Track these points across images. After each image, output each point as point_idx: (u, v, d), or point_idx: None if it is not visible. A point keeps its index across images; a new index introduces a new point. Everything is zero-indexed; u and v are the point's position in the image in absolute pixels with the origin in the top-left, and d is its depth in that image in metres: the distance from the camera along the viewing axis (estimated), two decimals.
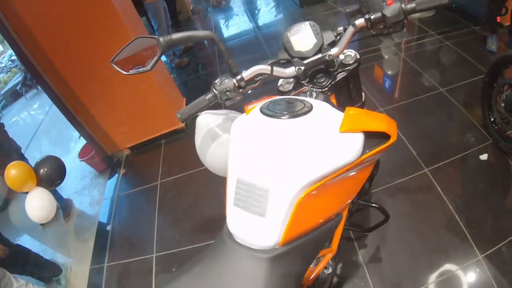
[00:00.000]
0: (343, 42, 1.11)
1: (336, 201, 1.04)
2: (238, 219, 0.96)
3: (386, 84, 3.48)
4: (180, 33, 1.05)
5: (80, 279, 2.95)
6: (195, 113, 1.19)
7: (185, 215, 2.89)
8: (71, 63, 3.06)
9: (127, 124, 3.57)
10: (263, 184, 0.89)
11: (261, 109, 0.99)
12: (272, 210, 0.89)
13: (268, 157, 0.90)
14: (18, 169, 2.20)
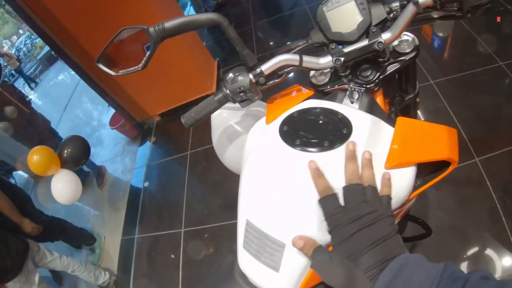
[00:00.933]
0: (399, 26, 0.76)
1: None
2: (248, 263, 0.77)
3: (435, 47, 3.04)
4: (175, 19, 0.78)
5: (113, 249, 2.99)
6: (202, 118, 0.90)
7: (214, 189, 2.79)
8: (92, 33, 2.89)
9: (155, 91, 3.43)
10: (278, 237, 0.68)
11: (281, 129, 0.76)
12: (287, 267, 0.70)
13: (286, 204, 0.68)
14: (41, 154, 2.14)
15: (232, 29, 0.78)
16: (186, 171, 3.04)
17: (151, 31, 0.78)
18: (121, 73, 0.87)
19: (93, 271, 2.63)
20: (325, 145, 0.69)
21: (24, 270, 2.14)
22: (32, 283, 2.18)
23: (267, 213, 0.71)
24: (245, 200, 0.77)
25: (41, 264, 2.36)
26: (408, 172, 0.69)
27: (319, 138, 0.70)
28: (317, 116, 0.76)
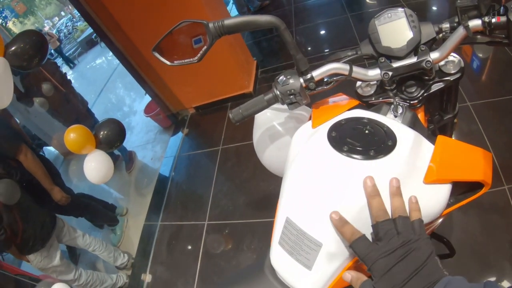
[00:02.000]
0: (448, 47, 0.79)
1: None
2: (281, 259, 0.80)
3: (474, 68, 2.97)
4: (235, 18, 0.81)
5: (134, 232, 3.06)
6: (250, 115, 0.94)
7: (241, 186, 2.80)
8: (136, 21, 2.99)
9: (193, 83, 3.48)
10: (316, 237, 0.71)
11: (330, 135, 0.78)
12: (320, 267, 0.72)
13: (328, 205, 0.70)
14: (77, 133, 2.18)
15: (288, 33, 0.81)
16: (216, 165, 3.07)
17: (211, 26, 0.81)
18: (176, 64, 0.91)
19: (112, 252, 2.70)
20: (371, 154, 0.70)
21: (47, 245, 2.19)
22: (54, 258, 2.23)
23: (308, 212, 0.73)
24: (288, 198, 0.78)
25: (64, 240, 2.43)
26: (444, 189, 0.70)
27: (365, 147, 0.72)
28: (364, 126, 0.78)
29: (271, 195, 2.56)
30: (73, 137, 2.18)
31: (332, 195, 0.70)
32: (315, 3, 5.04)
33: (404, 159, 0.70)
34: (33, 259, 2.15)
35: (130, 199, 3.47)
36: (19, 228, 2.04)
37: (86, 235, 2.58)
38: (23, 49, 2.00)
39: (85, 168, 2.29)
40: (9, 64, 1.97)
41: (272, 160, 1.28)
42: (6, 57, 1.96)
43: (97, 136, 2.31)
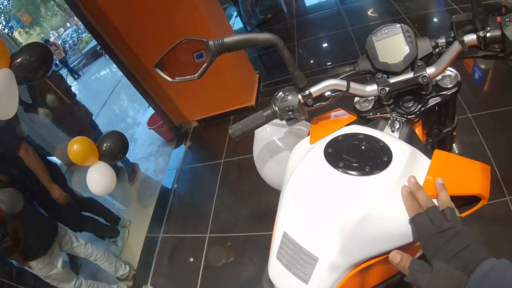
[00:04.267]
0: (444, 62, 0.81)
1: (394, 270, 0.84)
2: (279, 273, 0.81)
3: (475, 79, 2.98)
4: (234, 36, 0.84)
5: (136, 244, 3.06)
6: (250, 130, 0.97)
7: (243, 200, 2.82)
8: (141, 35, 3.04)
9: (196, 97, 3.52)
10: (312, 251, 0.73)
11: (326, 151, 0.80)
12: (317, 281, 0.74)
13: (323, 221, 0.72)
14: (81, 144, 2.21)
15: (286, 51, 0.84)
16: (218, 178, 3.09)
17: (211, 44, 0.84)
18: (177, 80, 0.95)
19: (114, 263, 2.71)
20: (366, 170, 0.72)
21: (50, 252, 2.22)
22: (55, 266, 2.25)
23: (304, 227, 0.75)
24: (285, 213, 0.81)
25: (65, 248, 2.45)
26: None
27: (361, 163, 0.74)
28: (360, 142, 0.80)
29: (272, 208, 2.52)
30: (76, 149, 2.21)
31: (328, 211, 0.72)
32: (317, 16, 5.11)
33: (400, 173, 0.72)
34: (35, 266, 2.18)
35: (132, 211, 3.48)
36: (21, 236, 2.07)
37: (88, 244, 2.59)
38: (28, 61, 2.05)
39: (88, 179, 2.31)
40: (15, 76, 2.02)
41: (272, 174, 1.30)
42: (12, 68, 2.01)
43: (100, 148, 2.34)
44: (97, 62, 9.74)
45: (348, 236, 0.70)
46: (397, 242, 0.69)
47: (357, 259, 0.71)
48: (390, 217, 0.69)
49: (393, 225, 0.69)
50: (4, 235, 1.94)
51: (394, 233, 0.69)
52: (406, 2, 4.27)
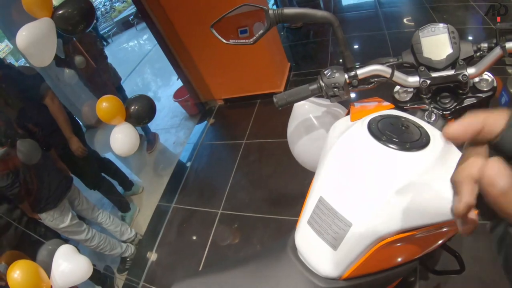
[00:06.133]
0: (484, 65, 0.85)
1: (419, 250, 0.89)
2: (308, 238, 0.85)
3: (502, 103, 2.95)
4: (294, 8, 0.88)
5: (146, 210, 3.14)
6: (294, 101, 1.00)
7: (260, 182, 2.83)
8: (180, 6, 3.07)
9: (226, 76, 3.54)
10: (347, 216, 0.76)
11: (370, 126, 0.82)
12: (346, 247, 0.77)
13: (362, 188, 0.75)
14: (110, 103, 2.24)
15: (341, 31, 0.87)
16: (237, 158, 3.11)
17: (270, 13, 0.88)
18: (231, 42, 0.99)
19: (119, 226, 2.76)
20: (407, 146, 0.74)
21: (60, 206, 2.27)
22: (65, 220, 2.31)
23: (342, 193, 0.78)
24: (323, 180, 0.83)
25: (76, 209, 2.51)
26: None
27: (402, 140, 0.76)
28: (401, 123, 0.82)
29: (288, 194, 2.59)
30: (105, 106, 2.24)
31: (367, 180, 0.75)
32: (354, 16, 5.07)
33: (436, 156, 0.73)
34: (45, 218, 2.24)
35: (147, 179, 3.54)
36: (33, 186, 2.12)
37: (96, 207, 2.65)
38: (71, 13, 2.08)
39: (112, 139, 2.33)
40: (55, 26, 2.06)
41: (303, 151, 1.33)
42: (53, 18, 2.05)
43: (128, 110, 2.37)
44: (127, 32, 9.77)
45: (384, 206, 0.72)
46: (434, 218, 0.71)
47: (389, 230, 0.73)
48: (425, 193, 0.70)
49: (427, 202, 0.70)
50: (15, 182, 1.99)
51: (428, 209, 0.71)
52: (445, 14, 4.22)
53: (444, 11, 4.31)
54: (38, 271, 1.69)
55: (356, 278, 0.83)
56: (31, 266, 1.67)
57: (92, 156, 2.90)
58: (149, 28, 3.35)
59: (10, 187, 1.95)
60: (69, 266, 1.78)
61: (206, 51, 3.37)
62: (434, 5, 4.46)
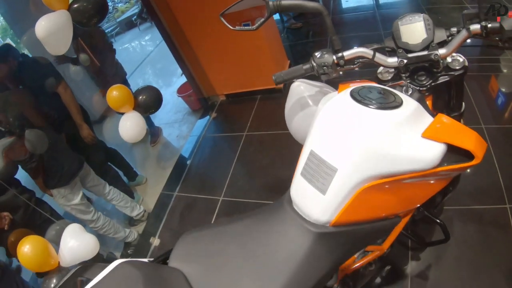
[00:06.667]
0: (453, 45, 1.01)
1: (398, 203, 1.02)
2: (301, 188, 0.99)
3: (497, 100, 3.09)
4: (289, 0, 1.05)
5: (150, 199, 3.25)
6: (290, 79, 1.18)
7: (260, 171, 2.96)
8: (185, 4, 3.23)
9: (228, 72, 3.69)
10: (333, 163, 0.90)
11: (352, 93, 0.96)
12: (333, 190, 0.90)
13: (345, 139, 0.89)
14: (120, 91, 2.37)
15: (329, 19, 1.05)
16: (239, 149, 3.24)
17: (270, 4, 1.05)
18: (237, 29, 1.17)
19: (129, 202, 2.88)
20: (382, 106, 0.89)
21: (71, 184, 2.41)
22: (75, 197, 2.45)
23: (328, 145, 0.93)
24: (313, 137, 0.98)
25: (87, 186, 2.64)
26: (438, 147, 0.85)
27: (379, 102, 0.91)
28: (378, 91, 0.97)
29: (286, 181, 2.64)
30: (115, 95, 2.37)
31: (350, 133, 0.89)
32: (352, 17, 5.22)
33: (408, 114, 0.88)
34: (56, 194, 2.37)
35: (151, 170, 3.65)
36: (49, 163, 2.27)
37: (107, 184, 2.78)
38: (86, 7, 2.22)
39: (121, 125, 2.46)
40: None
41: (299, 126, 1.48)
42: (70, 11, 2.19)
43: (136, 99, 2.50)
44: (130, 32, 9.88)
45: (364, 153, 0.86)
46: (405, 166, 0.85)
47: (370, 174, 0.87)
48: (398, 144, 0.85)
49: (399, 151, 0.85)
50: (32, 157, 2.12)
51: (400, 157, 0.85)
52: (440, 15, 4.36)
53: (439, 12, 4.48)
54: (47, 247, 1.78)
55: (344, 226, 0.97)
56: (40, 241, 1.76)
57: (100, 145, 3.04)
58: (155, 25, 3.50)
59: (28, 161, 2.10)
60: (77, 243, 1.87)
61: (209, 48, 3.52)
62: (430, 6, 4.64)
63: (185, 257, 1.12)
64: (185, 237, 1.20)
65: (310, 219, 0.98)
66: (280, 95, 3.63)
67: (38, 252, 1.71)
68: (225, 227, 1.18)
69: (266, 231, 1.07)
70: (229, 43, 3.41)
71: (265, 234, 1.06)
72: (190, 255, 1.13)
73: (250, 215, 1.16)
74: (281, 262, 0.98)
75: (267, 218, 1.11)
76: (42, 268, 1.76)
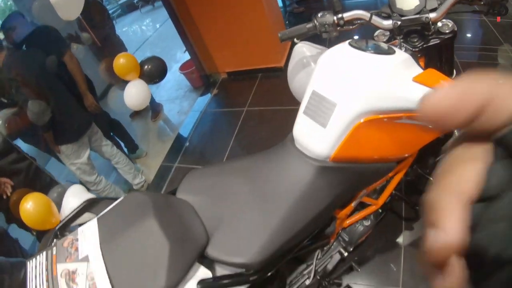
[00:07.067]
0: (442, 10, 1.10)
1: (391, 144, 1.09)
2: (303, 126, 1.08)
3: None
4: None
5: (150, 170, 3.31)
6: (294, 37, 1.29)
7: (259, 143, 3.04)
8: None
9: (231, 50, 3.76)
10: (332, 98, 0.98)
11: (350, 42, 1.06)
12: (333, 123, 0.98)
13: (343, 78, 0.98)
14: (127, 59, 2.43)
15: None
16: (239, 123, 3.31)
17: None
18: None
19: (133, 169, 2.97)
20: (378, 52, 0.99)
21: (80, 141, 2.50)
22: (81, 156, 2.54)
23: (329, 83, 1.02)
24: (315, 78, 1.07)
25: (94, 145, 2.72)
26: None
27: (375, 50, 1.00)
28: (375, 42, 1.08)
29: None
30: (122, 62, 2.43)
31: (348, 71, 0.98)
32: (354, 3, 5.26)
33: (400, 60, 0.97)
34: (64, 150, 2.45)
35: (151, 145, 3.72)
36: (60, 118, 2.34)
37: (114, 146, 2.86)
38: None
39: (126, 93, 2.53)
40: None
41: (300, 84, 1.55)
42: None
43: (141, 68, 2.57)
44: (131, 15, 9.91)
45: (361, 89, 0.95)
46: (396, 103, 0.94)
47: (366, 109, 0.95)
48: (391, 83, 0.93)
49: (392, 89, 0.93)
50: (46, 110, 2.19)
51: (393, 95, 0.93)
52: None
53: None
54: (50, 204, 1.77)
55: (342, 162, 1.06)
56: (43, 198, 1.77)
57: (104, 115, 3.11)
58: (163, 2, 3.56)
59: (42, 113, 2.16)
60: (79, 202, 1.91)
61: (214, 26, 3.59)
62: None
63: (192, 190, 1.21)
64: (192, 173, 1.29)
65: (311, 155, 1.06)
66: (281, 74, 3.68)
67: (40, 209, 1.72)
68: (231, 164, 1.28)
69: (270, 167, 1.16)
70: (233, 22, 3.49)
71: (269, 170, 1.16)
72: (197, 188, 1.22)
73: (256, 156, 1.27)
74: (283, 193, 1.08)
75: (272, 157, 1.20)
76: (43, 225, 1.74)
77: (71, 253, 0.89)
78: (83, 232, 0.96)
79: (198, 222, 1.07)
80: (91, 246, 0.90)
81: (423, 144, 1.15)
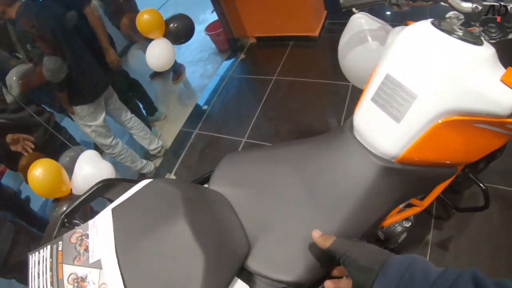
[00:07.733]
0: None
1: (463, 149, 0.93)
2: (369, 115, 0.92)
3: None
4: None
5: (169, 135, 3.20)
6: (359, 5, 1.08)
7: (287, 116, 2.86)
8: None
9: (262, 14, 3.49)
10: (413, 88, 0.82)
11: (432, 22, 0.88)
12: (409, 119, 0.83)
13: (428, 65, 0.81)
14: (151, 15, 2.23)
15: None
16: (267, 92, 3.12)
17: None
18: None
19: (149, 134, 2.83)
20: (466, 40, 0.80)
21: (96, 102, 2.35)
22: (97, 118, 2.40)
23: (409, 69, 0.84)
24: (391, 59, 0.89)
25: (110, 107, 2.56)
26: None
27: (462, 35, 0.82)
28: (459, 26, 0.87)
29: (313, 130, 2.62)
30: (146, 18, 2.23)
31: (433, 58, 0.80)
32: None
33: (490, 54, 0.80)
34: (79, 112, 2.31)
35: (171, 108, 3.57)
36: (76, 77, 2.18)
37: (129, 111, 2.71)
38: None
39: (149, 52, 2.34)
40: None
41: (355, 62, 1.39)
42: None
43: (167, 26, 2.36)
44: None
45: (448, 82, 0.78)
46: (482, 105, 0.77)
47: (450, 107, 0.78)
48: (480, 80, 0.76)
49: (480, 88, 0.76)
50: (62, 66, 2.02)
51: (481, 95, 0.76)
52: None
53: None
54: (60, 171, 1.65)
55: (407, 164, 0.90)
56: (53, 165, 1.64)
57: (123, 74, 2.93)
58: None
59: (58, 70, 1.99)
60: (92, 170, 1.71)
61: None
62: None
63: (229, 180, 1.04)
64: (229, 158, 1.11)
65: (375, 151, 0.90)
66: (314, 44, 3.46)
67: (50, 177, 1.59)
68: (276, 150, 1.10)
69: (324, 159, 0.99)
70: None
71: (323, 162, 0.99)
72: (235, 177, 1.05)
73: (306, 141, 1.08)
74: (342, 196, 0.92)
75: (325, 146, 1.02)
76: (53, 194, 1.65)
77: (79, 252, 0.72)
78: (95, 227, 0.78)
79: (237, 225, 0.91)
80: (104, 248, 0.73)
81: (491, 150, 1.02)
